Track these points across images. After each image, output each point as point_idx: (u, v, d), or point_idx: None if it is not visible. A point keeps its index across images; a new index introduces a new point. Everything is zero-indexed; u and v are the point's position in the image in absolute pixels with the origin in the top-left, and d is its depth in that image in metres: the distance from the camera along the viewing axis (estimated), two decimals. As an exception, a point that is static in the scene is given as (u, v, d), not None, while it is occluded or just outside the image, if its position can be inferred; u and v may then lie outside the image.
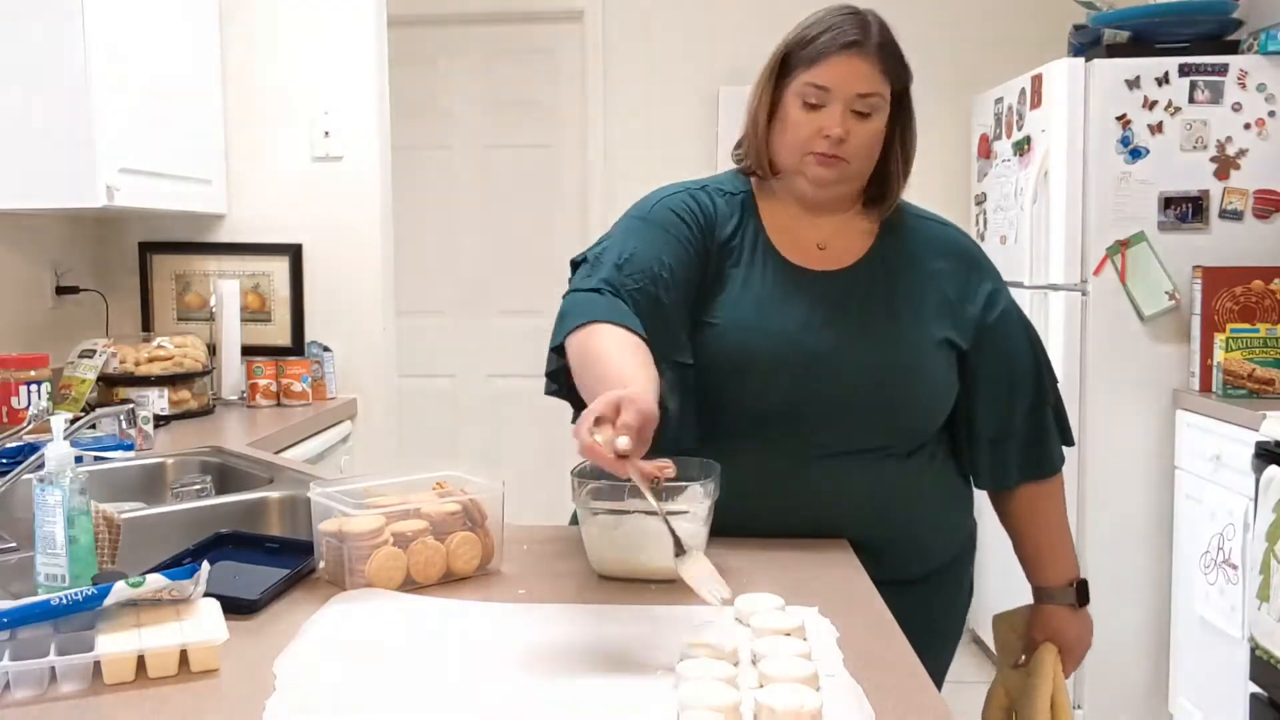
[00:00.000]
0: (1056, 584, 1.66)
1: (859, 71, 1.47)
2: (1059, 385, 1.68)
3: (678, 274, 1.49)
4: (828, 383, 1.48)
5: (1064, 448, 1.70)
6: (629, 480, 1.16)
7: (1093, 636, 1.68)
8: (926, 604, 1.54)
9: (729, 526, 1.42)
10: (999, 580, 3.71)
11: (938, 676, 1.57)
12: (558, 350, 1.42)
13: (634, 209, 1.59)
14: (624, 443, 1.11)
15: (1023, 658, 1.68)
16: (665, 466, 1.16)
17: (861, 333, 1.50)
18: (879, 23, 1.51)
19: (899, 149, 1.55)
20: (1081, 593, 1.66)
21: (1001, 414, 1.58)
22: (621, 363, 1.30)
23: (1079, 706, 3.24)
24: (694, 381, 1.47)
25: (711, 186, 1.60)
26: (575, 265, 1.57)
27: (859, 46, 1.47)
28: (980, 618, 3.91)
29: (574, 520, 1.65)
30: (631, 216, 1.58)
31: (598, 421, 1.13)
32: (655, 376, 1.30)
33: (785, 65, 1.51)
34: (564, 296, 1.49)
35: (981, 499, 1.67)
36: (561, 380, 1.46)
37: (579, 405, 1.41)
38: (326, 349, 3.15)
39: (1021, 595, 1.72)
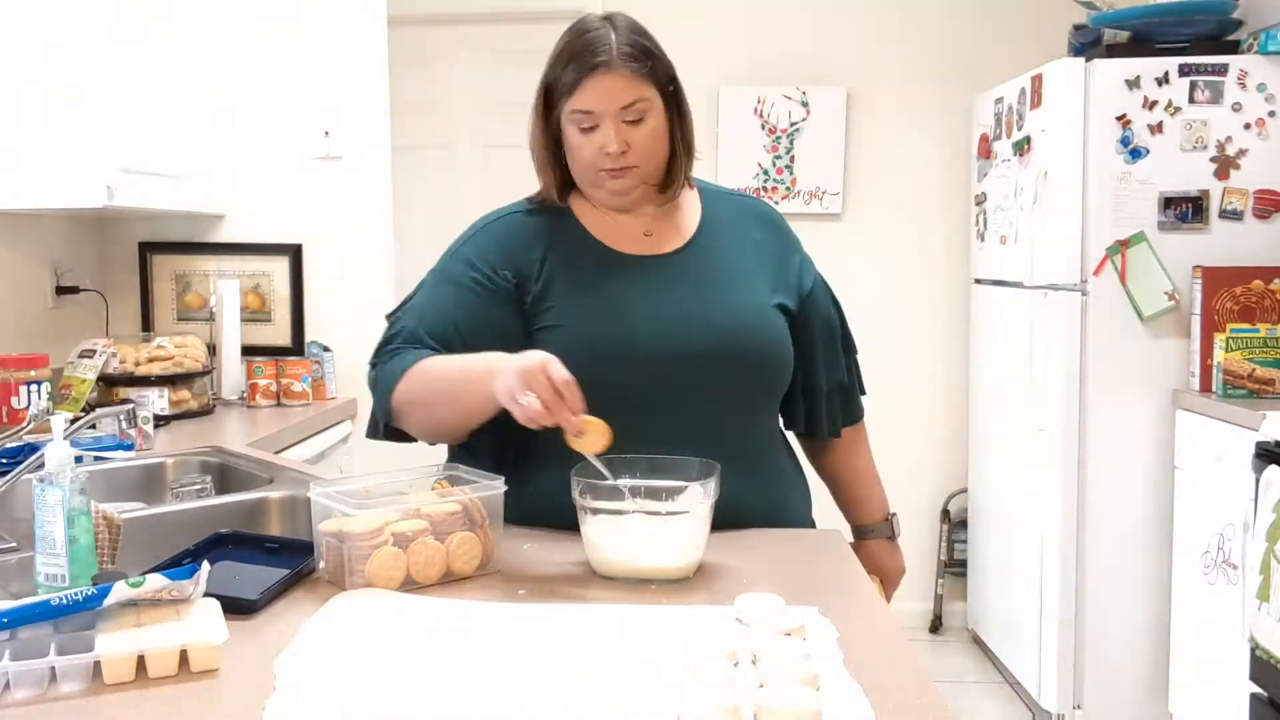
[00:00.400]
0: (875, 520, 1.81)
1: (613, 87, 1.53)
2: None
3: (468, 327, 1.58)
4: (682, 359, 1.54)
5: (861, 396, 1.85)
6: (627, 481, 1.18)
7: (904, 563, 1.83)
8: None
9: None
10: (996, 581, 3.70)
11: None
12: (384, 421, 1.60)
13: (442, 257, 1.69)
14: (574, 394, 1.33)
15: None
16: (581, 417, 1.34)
17: (704, 304, 1.58)
18: (623, 27, 1.56)
19: (680, 135, 1.62)
20: (894, 525, 1.83)
21: (830, 368, 1.72)
22: (475, 356, 1.47)
23: (1079, 707, 3.24)
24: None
25: (525, 208, 1.69)
26: (389, 319, 1.70)
27: (605, 65, 1.52)
28: (979, 618, 3.91)
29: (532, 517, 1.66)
30: (432, 271, 1.69)
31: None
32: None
33: (550, 98, 1.59)
34: (371, 366, 1.64)
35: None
36: (386, 431, 1.62)
37: (406, 439, 1.63)
38: (326, 349, 3.15)
39: (1012, 599, 1.75)
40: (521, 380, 1.35)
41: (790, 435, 1.76)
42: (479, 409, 1.47)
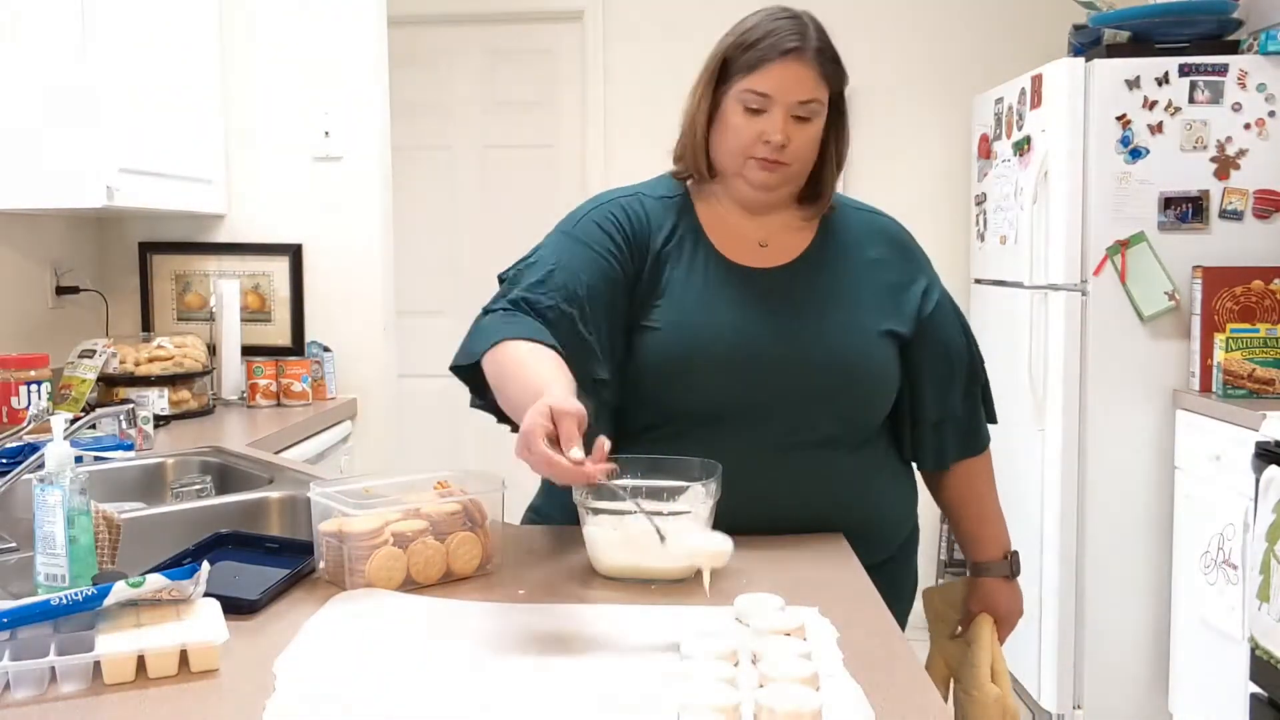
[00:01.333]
0: (992, 557, 1.73)
1: (799, 77, 1.49)
2: (985, 368, 1.76)
3: (597, 290, 1.51)
4: (774, 378, 1.50)
5: (989, 425, 1.78)
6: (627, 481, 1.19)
7: (1023, 605, 1.75)
8: (882, 586, 1.53)
9: None
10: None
11: None
12: (464, 369, 1.47)
13: (563, 221, 1.61)
14: (578, 454, 1.17)
15: (959, 629, 1.75)
16: (611, 468, 1.21)
17: (806, 327, 1.53)
18: (816, 25, 1.53)
19: (834, 149, 1.58)
20: (1013, 564, 1.74)
21: (942, 398, 1.63)
22: (538, 371, 1.34)
23: (1079, 706, 3.24)
24: (610, 396, 1.51)
25: (644, 193, 1.62)
26: (502, 280, 1.60)
27: (798, 53, 1.49)
28: (980, 618, 3.91)
29: (529, 517, 1.67)
30: (558, 231, 1.60)
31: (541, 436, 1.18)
32: (570, 377, 1.34)
33: (724, 70, 1.53)
34: (484, 312, 1.54)
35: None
36: (485, 398, 1.48)
37: (504, 418, 1.46)
38: (326, 349, 3.15)
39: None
40: (517, 451, 1.23)
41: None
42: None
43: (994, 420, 1.76)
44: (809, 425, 1.51)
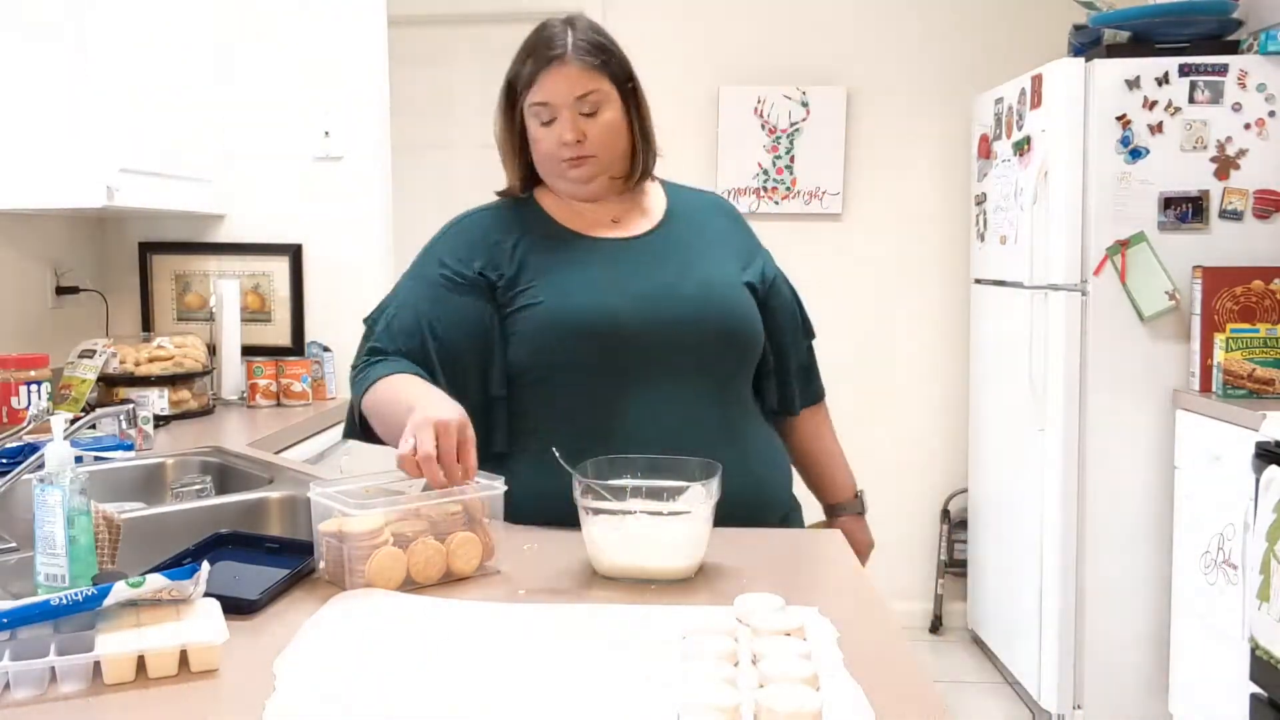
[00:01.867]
0: (845, 497, 1.88)
1: (568, 78, 1.61)
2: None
3: (442, 322, 1.64)
4: (660, 324, 1.60)
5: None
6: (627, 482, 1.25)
7: (873, 537, 1.89)
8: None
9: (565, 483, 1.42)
10: (995, 581, 3.70)
11: None
12: (360, 424, 1.65)
13: (415, 259, 1.75)
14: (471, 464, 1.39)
15: None
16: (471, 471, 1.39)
17: (679, 278, 1.65)
18: (583, 24, 1.66)
19: (637, 127, 1.69)
20: (862, 501, 1.89)
21: (793, 348, 1.79)
22: (409, 393, 1.51)
23: (1079, 707, 3.24)
24: (495, 389, 1.63)
25: (493, 204, 1.77)
26: (366, 324, 1.73)
27: (561, 58, 1.61)
28: (979, 618, 3.91)
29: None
30: (405, 274, 1.74)
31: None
32: (434, 386, 1.53)
33: (512, 94, 1.67)
34: (351, 368, 1.69)
35: None
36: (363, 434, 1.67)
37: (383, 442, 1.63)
38: (326, 349, 3.15)
39: (1012, 599, 1.75)
40: (410, 430, 1.38)
41: None
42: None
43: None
44: (698, 373, 1.62)
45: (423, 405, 1.42)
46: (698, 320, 1.62)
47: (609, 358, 1.59)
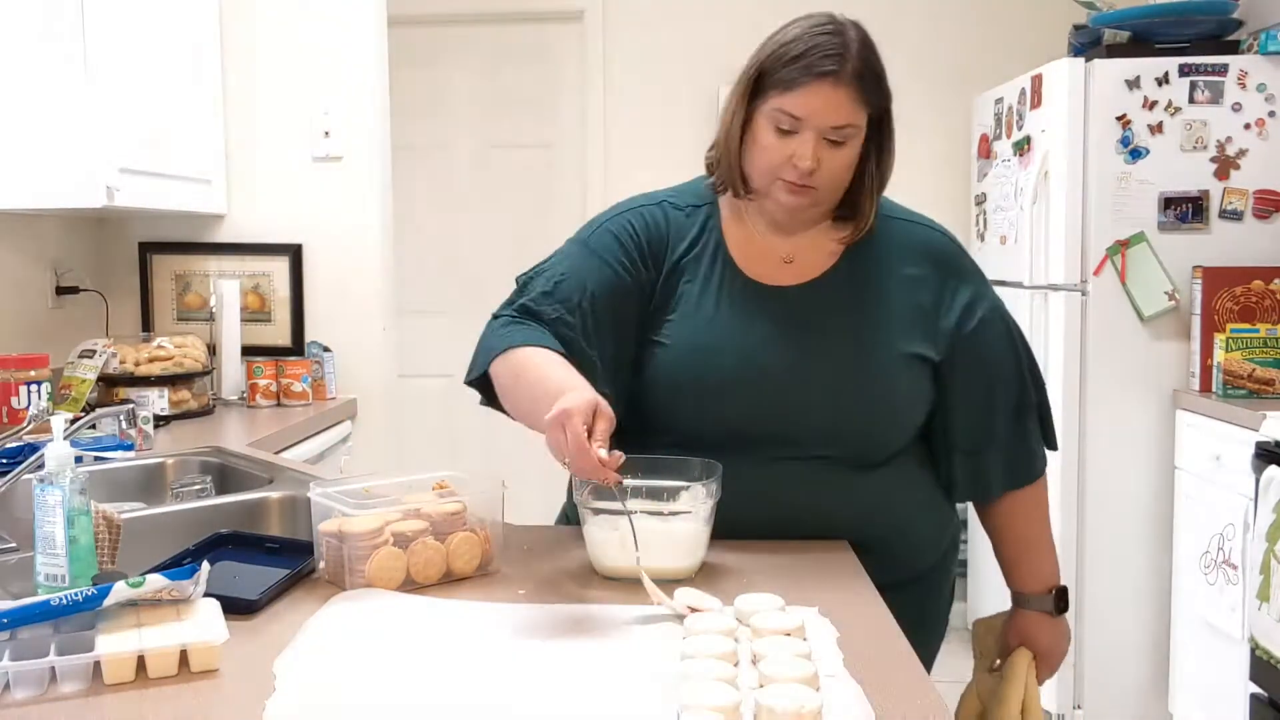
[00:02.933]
0: (1035, 590, 1.65)
1: (834, 102, 1.42)
2: (1046, 388, 1.65)
3: (602, 303, 1.49)
4: (783, 402, 1.46)
5: (1048, 450, 1.64)
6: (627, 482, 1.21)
7: (1069, 644, 1.67)
8: (905, 610, 1.46)
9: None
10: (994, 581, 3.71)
11: None
12: (478, 380, 1.49)
13: (583, 228, 1.59)
14: (604, 454, 1.20)
15: (998, 662, 1.68)
16: (619, 479, 1.26)
17: (821, 350, 1.48)
18: (860, 41, 1.46)
19: (874, 169, 1.51)
20: (1060, 600, 1.64)
21: (979, 425, 1.54)
22: (553, 373, 1.35)
23: (1079, 707, 3.24)
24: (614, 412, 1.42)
25: (671, 200, 1.58)
26: (519, 283, 1.57)
27: (835, 76, 1.42)
28: (975, 616, 3.91)
29: (561, 518, 1.66)
30: (574, 239, 1.58)
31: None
32: (585, 380, 1.34)
33: (759, 83, 1.47)
34: (493, 317, 1.53)
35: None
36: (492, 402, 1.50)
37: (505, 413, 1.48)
38: (326, 349, 3.15)
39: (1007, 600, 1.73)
40: (549, 426, 1.24)
41: None
42: (539, 428, 1.31)
43: (1053, 447, 1.64)
44: (819, 447, 1.47)
45: (565, 394, 1.26)
46: (824, 407, 1.46)
47: (717, 424, 1.46)
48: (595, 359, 1.46)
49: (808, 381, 1.46)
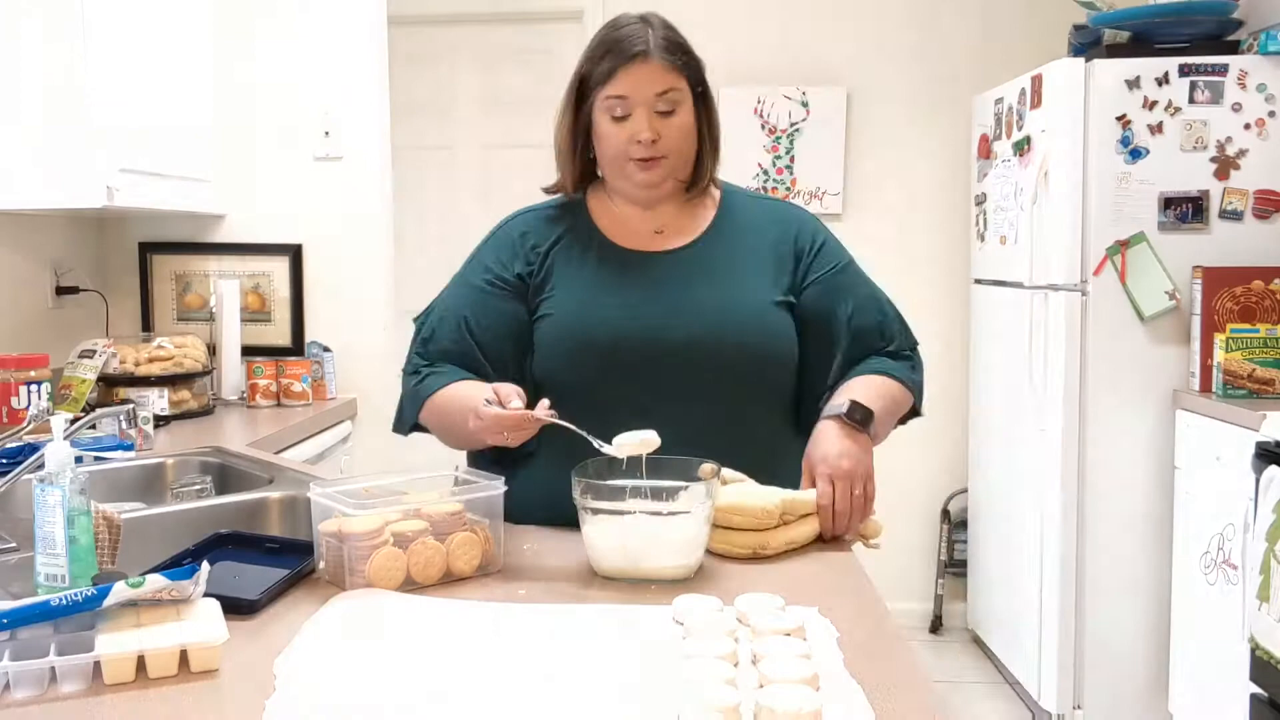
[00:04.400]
0: (837, 402, 1.58)
1: (650, 74, 1.58)
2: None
3: (484, 322, 1.65)
4: (661, 347, 1.57)
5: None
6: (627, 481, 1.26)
7: (867, 461, 1.56)
8: None
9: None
10: (994, 581, 3.71)
11: None
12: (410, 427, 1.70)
13: (464, 262, 1.77)
14: (517, 403, 1.40)
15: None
16: (549, 410, 1.40)
17: (692, 299, 1.60)
18: (660, 22, 1.63)
19: (706, 132, 1.66)
20: (855, 409, 1.55)
21: (823, 372, 1.67)
22: (461, 393, 1.57)
23: (1079, 707, 3.24)
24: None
25: (536, 208, 1.75)
26: (416, 323, 1.76)
27: (644, 54, 1.57)
28: (979, 618, 3.91)
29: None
30: (454, 277, 1.77)
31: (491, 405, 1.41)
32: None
33: (584, 87, 1.63)
34: (402, 373, 1.74)
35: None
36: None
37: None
38: (326, 349, 3.15)
39: (1012, 599, 1.72)
40: (476, 432, 1.45)
41: None
42: (477, 440, 1.52)
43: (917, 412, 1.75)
44: (708, 400, 1.57)
45: (473, 402, 1.47)
46: (706, 343, 1.57)
47: (611, 376, 1.57)
48: (499, 364, 1.63)
49: (682, 322, 1.58)
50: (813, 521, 1.50)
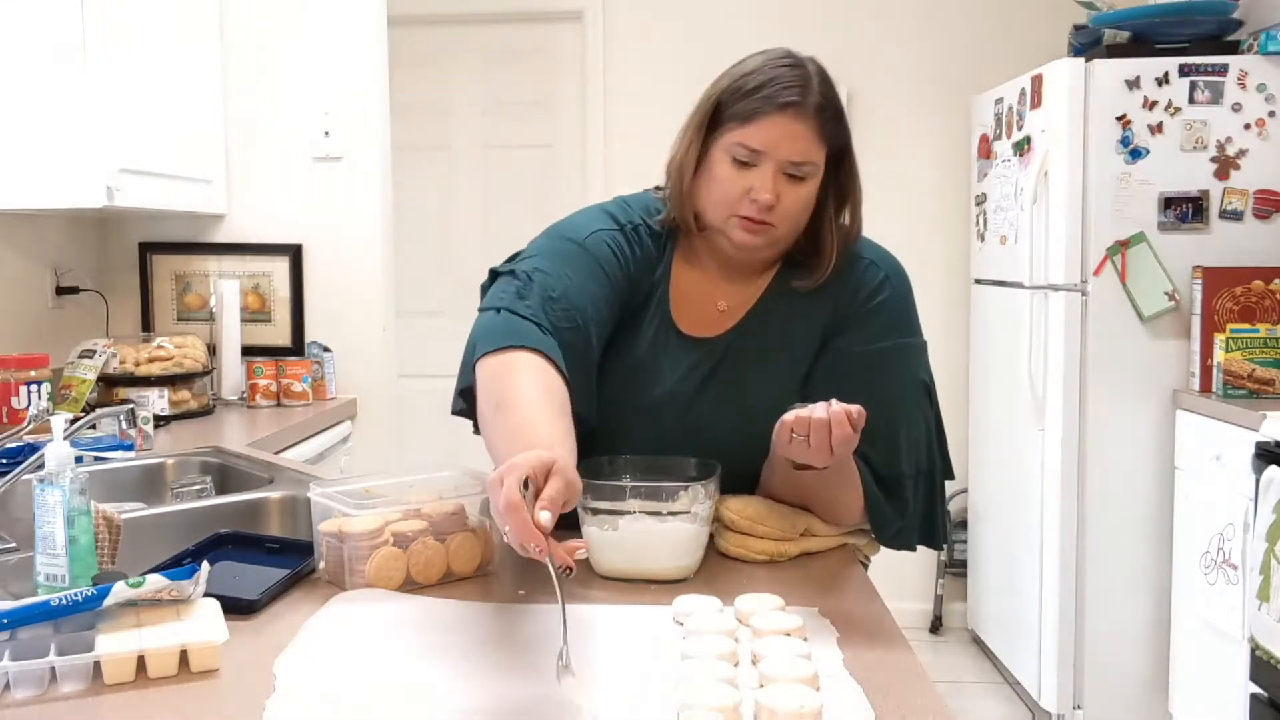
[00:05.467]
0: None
1: (794, 134, 1.38)
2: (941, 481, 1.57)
3: (604, 320, 1.44)
4: (670, 448, 1.44)
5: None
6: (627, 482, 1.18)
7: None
8: None
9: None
10: (994, 581, 3.71)
11: None
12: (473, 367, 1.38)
13: (566, 229, 1.51)
14: (546, 517, 1.05)
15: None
16: (578, 548, 1.09)
17: (725, 401, 1.47)
18: (821, 76, 1.42)
19: (832, 211, 1.47)
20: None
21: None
22: (545, 418, 1.23)
23: (1079, 707, 3.24)
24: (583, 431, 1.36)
25: (640, 225, 1.53)
26: (495, 275, 1.50)
27: (796, 108, 1.38)
28: (979, 618, 3.91)
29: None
30: (565, 239, 1.49)
31: (525, 481, 1.06)
32: (573, 438, 1.24)
33: (716, 115, 1.43)
34: (482, 310, 1.44)
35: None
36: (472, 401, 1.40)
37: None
38: (326, 349, 3.15)
39: (1012, 599, 1.71)
40: (490, 485, 1.11)
41: None
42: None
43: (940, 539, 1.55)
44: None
45: (552, 449, 1.15)
46: (714, 450, 1.43)
47: (623, 451, 1.46)
48: (589, 376, 1.43)
49: (707, 430, 1.46)
50: (831, 530, 1.50)
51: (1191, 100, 3.09)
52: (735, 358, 1.49)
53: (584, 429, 1.36)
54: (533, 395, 1.28)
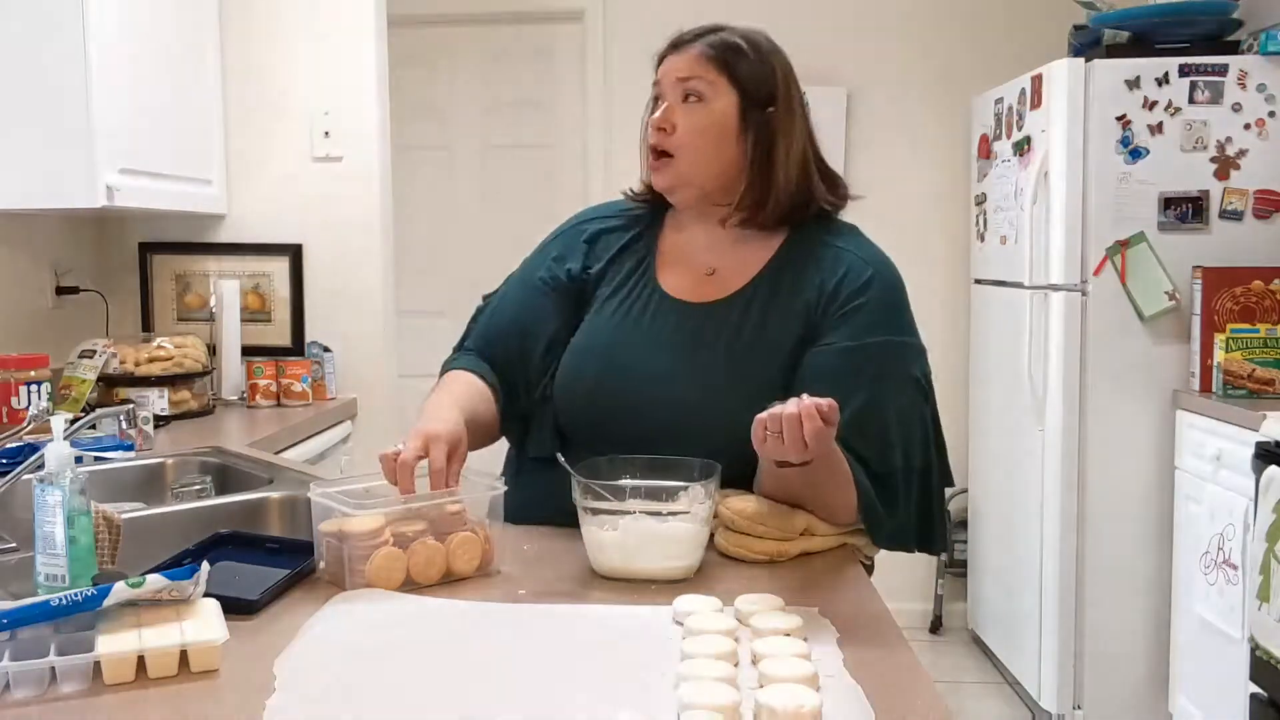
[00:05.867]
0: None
1: (679, 62, 1.51)
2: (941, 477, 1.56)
3: (535, 326, 1.60)
4: (638, 408, 1.49)
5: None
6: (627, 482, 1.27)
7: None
8: None
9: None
10: (995, 581, 3.71)
11: None
12: None
13: (527, 259, 1.71)
14: (410, 455, 1.34)
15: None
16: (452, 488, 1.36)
17: (698, 368, 1.48)
18: (736, 28, 1.54)
19: (753, 152, 1.51)
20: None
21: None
22: (440, 395, 1.52)
23: (1079, 707, 3.24)
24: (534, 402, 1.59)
25: (590, 221, 1.66)
26: (484, 298, 1.73)
27: (687, 43, 1.52)
28: (979, 618, 3.91)
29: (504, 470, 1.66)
30: (514, 276, 1.70)
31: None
32: (468, 403, 1.50)
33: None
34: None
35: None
36: None
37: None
38: (326, 349, 3.15)
39: (1012, 599, 1.71)
40: (407, 436, 1.39)
41: None
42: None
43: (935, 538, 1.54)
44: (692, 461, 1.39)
45: (427, 416, 1.42)
46: (692, 426, 1.45)
47: (600, 430, 1.50)
48: (540, 371, 1.58)
49: (672, 393, 1.48)
50: (832, 529, 1.50)
51: (1191, 100, 3.09)
52: (723, 327, 1.51)
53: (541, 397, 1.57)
54: (441, 391, 1.56)
